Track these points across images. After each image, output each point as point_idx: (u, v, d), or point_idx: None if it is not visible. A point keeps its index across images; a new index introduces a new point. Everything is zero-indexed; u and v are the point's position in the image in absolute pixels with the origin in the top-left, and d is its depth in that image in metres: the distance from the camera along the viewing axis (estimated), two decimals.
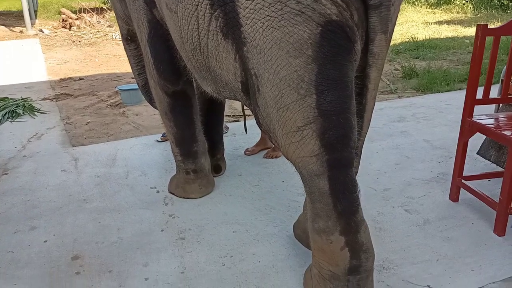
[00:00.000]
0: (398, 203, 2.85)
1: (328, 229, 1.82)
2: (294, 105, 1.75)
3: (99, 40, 9.83)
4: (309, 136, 1.76)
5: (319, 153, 1.77)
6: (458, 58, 6.86)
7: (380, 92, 5.39)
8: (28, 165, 3.54)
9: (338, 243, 1.82)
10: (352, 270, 1.84)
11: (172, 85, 2.72)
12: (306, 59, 1.68)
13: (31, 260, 2.36)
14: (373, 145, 3.73)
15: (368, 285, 1.90)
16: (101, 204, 2.92)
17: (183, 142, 2.91)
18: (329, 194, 1.79)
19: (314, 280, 1.97)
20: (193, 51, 2.14)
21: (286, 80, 1.73)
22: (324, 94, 1.72)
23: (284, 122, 1.80)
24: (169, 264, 2.30)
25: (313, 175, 1.81)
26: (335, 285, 1.88)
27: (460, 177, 2.79)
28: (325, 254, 1.88)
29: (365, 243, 1.85)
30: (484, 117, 2.66)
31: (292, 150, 1.83)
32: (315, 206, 1.86)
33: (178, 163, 2.99)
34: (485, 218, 2.63)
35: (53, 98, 5.52)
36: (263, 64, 1.77)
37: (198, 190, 2.96)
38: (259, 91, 1.85)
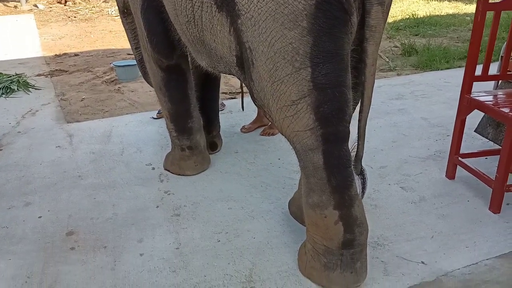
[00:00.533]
0: (394, 180, 2.84)
1: (322, 204, 1.82)
2: (288, 78, 1.72)
3: (95, 16, 9.67)
4: (303, 109, 1.74)
5: (314, 127, 1.75)
6: (458, 36, 6.78)
7: (379, 69, 5.34)
8: (22, 141, 3.51)
9: (332, 217, 1.82)
10: (346, 244, 1.84)
11: (166, 59, 2.67)
12: (301, 31, 1.65)
13: (26, 235, 2.35)
14: (370, 123, 3.67)
15: (361, 259, 1.90)
16: (96, 180, 2.91)
17: (177, 118, 2.87)
18: (323, 169, 1.78)
19: (308, 255, 1.98)
20: (187, 23, 2.09)
21: (280, 53, 1.69)
22: (319, 67, 1.68)
23: (279, 96, 1.77)
24: (164, 240, 2.30)
25: (307, 149, 1.80)
26: (329, 260, 1.89)
27: (457, 154, 2.77)
28: (319, 229, 1.88)
29: (359, 217, 1.84)
30: (482, 94, 2.63)
31: (287, 124, 1.81)
32: (309, 181, 1.85)
33: (173, 140, 2.97)
34: (481, 196, 2.62)
35: (47, 74, 5.46)
36: (258, 37, 1.73)
37: (193, 167, 2.94)
38: (254, 65, 1.81)
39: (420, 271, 2.05)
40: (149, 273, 2.07)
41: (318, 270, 1.93)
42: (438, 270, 2.05)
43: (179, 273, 2.06)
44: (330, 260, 1.89)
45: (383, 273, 2.04)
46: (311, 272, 1.97)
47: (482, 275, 2.02)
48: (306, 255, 2.00)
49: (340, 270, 1.88)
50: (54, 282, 2.02)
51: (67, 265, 2.13)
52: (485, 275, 2.02)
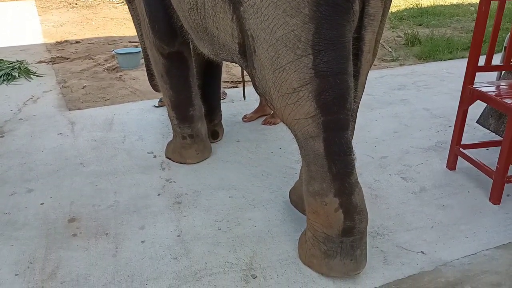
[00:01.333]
0: (395, 170, 2.84)
1: (323, 191, 1.83)
2: (290, 65, 1.72)
3: (96, 3, 9.61)
4: (305, 97, 1.74)
5: (315, 114, 1.75)
6: (462, 26, 6.73)
7: (382, 59, 5.32)
8: (24, 128, 3.52)
9: (332, 205, 1.82)
10: (346, 231, 1.85)
11: (168, 46, 2.65)
12: (303, 18, 1.64)
13: (28, 221, 2.37)
14: (372, 113, 3.70)
15: (361, 246, 1.91)
16: (98, 167, 2.92)
17: (179, 106, 2.87)
18: (324, 156, 1.79)
19: (309, 243, 1.99)
20: (190, 11, 2.09)
21: (282, 40, 1.69)
22: (321, 55, 1.68)
23: (280, 84, 1.77)
24: (165, 228, 2.31)
25: (308, 137, 1.80)
26: (328, 247, 1.90)
27: (458, 145, 2.78)
28: (319, 217, 1.89)
29: (359, 205, 1.85)
30: (485, 85, 2.62)
31: (288, 112, 1.81)
32: (310, 169, 1.86)
33: (174, 128, 2.97)
34: (481, 187, 2.63)
35: (49, 61, 5.44)
36: (260, 24, 1.72)
37: (194, 155, 2.95)
38: (255, 53, 1.81)
39: (419, 261, 2.06)
40: (151, 260, 2.09)
41: (318, 257, 1.94)
42: (437, 260, 2.07)
43: (180, 260, 2.08)
44: (330, 247, 1.90)
45: (382, 263, 2.06)
46: (311, 260, 1.98)
47: (481, 265, 2.04)
48: (307, 243, 2.01)
49: (340, 258, 1.89)
50: (56, 268, 2.03)
51: (69, 251, 2.14)
52: (484, 265, 2.04)
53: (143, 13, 2.64)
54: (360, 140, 3.23)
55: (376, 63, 5.16)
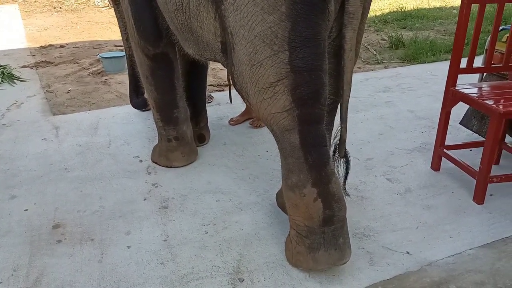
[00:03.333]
0: (380, 172, 2.87)
1: (301, 183, 1.87)
2: (267, 61, 1.78)
3: (81, 7, 9.53)
4: (281, 91, 1.81)
5: (290, 108, 1.81)
6: (445, 29, 6.84)
7: (367, 62, 5.37)
8: (7, 134, 3.47)
9: (311, 195, 1.86)
10: (326, 220, 1.88)
11: (153, 47, 2.65)
12: (280, 15, 1.72)
13: (12, 228, 2.33)
14: (357, 115, 3.73)
15: (343, 235, 1.94)
16: (83, 173, 2.89)
17: (163, 107, 2.86)
18: (300, 148, 1.85)
19: (293, 241, 2.01)
20: (175, 11, 2.13)
21: (260, 36, 1.77)
22: (296, 51, 1.76)
23: (257, 79, 1.84)
24: (151, 232, 2.30)
25: (284, 130, 1.86)
26: (312, 240, 1.92)
27: (442, 146, 2.81)
28: (299, 210, 1.92)
29: (336, 193, 1.89)
30: (467, 87, 2.66)
31: (264, 107, 1.87)
32: (287, 162, 1.91)
33: (160, 130, 2.95)
34: (465, 187, 2.67)
35: (33, 65, 5.38)
36: (239, 21, 1.80)
37: (180, 158, 2.93)
38: (234, 49, 1.88)
39: (405, 261, 2.08)
40: (137, 265, 2.07)
41: (304, 253, 1.95)
42: (422, 260, 2.09)
43: (166, 265, 2.07)
44: (314, 240, 1.91)
45: (368, 263, 2.07)
46: (298, 258, 1.99)
47: (465, 264, 2.06)
48: (291, 243, 2.03)
49: (324, 249, 1.91)
50: (41, 275, 2.01)
51: (54, 258, 2.12)
52: (468, 264, 2.06)
53: (129, 14, 2.63)
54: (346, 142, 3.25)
55: (361, 66, 5.22)
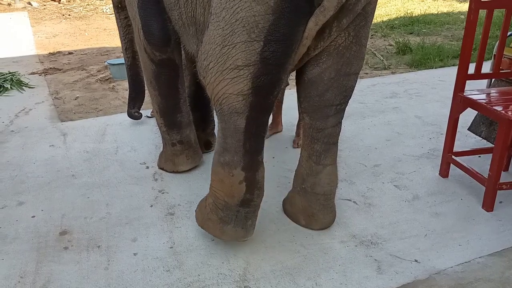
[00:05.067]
0: (388, 179, 2.85)
1: (233, 163, 2.02)
2: (241, 45, 1.87)
3: (89, 14, 9.62)
4: (243, 76, 1.90)
5: (247, 94, 1.92)
6: (452, 34, 6.80)
7: (374, 68, 5.35)
8: (16, 140, 3.49)
9: (238, 177, 2.03)
10: (244, 202, 2.08)
11: (160, 52, 2.66)
12: (267, 8, 1.81)
13: (19, 235, 2.34)
14: (364, 121, 3.72)
15: (253, 218, 2.16)
16: (90, 179, 2.90)
17: (167, 112, 2.87)
18: (243, 132, 1.98)
19: (208, 208, 2.18)
20: (185, 3, 2.20)
21: (242, 21, 1.85)
22: (270, 44, 1.86)
23: (225, 60, 1.92)
24: (158, 239, 2.30)
25: (233, 112, 1.97)
26: (225, 214, 2.10)
27: (450, 153, 2.79)
28: (223, 185, 2.08)
29: (260, 181, 2.09)
30: (475, 93, 2.64)
31: (222, 86, 1.96)
32: (226, 141, 2.03)
33: (164, 135, 2.96)
34: (474, 194, 2.64)
35: (41, 72, 5.42)
36: (225, 3, 1.87)
37: (186, 162, 2.94)
38: (208, 28, 1.97)
39: (413, 270, 2.06)
40: (143, 272, 2.07)
41: (214, 222, 2.14)
42: (431, 268, 2.07)
43: (173, 273, 2.06)
44: (227, 215, 2.10)
45: (376, 272, 2.05)
46: (207, 224, 2.17)
47: (474, 273, 2.04)
48: (206, 208, 2.19)
49: (233, 225, 2.11)
50: (48, 282, 2.01)
51: (61, 264, 2.12)
52: (477, 273, 2.04)
53: (137, 19, 2.64)
54: (353, 148, 3.24)
55: (368, 71, 5.20)
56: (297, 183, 2.37)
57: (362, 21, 1.99)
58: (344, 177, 2.85)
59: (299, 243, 2.25)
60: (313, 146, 2.24)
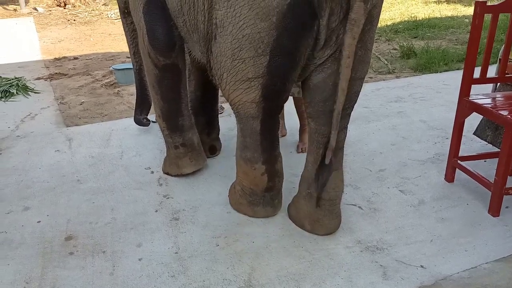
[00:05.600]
0: (393, 183, 2.84)
1: (254, 159, 2.32)
2: (249, 60, 2.03)
3: (94, 19, 9.67)
4: (255, 87, 2.10)
5: (259, 101, 2.14)
6: (457, 38, 6.78)
7: (378, 72, 5.34)
8: (21, 145, 3.51)
9: (260, 170, 2.33)
10: (268, 189, 2.41)
11: (164, 57, 2.67)
12: (270, 24, 1.92)
13: (25, 240, 2.35)
14: (369, 126, 3.71)
15: (278, 197, 2.50)
16: (95, 184, 2.91)
17: (169, 116, 2.89)
18: (259, 133, 2.24)
19: (237, 193, 2.52)
20: (188, 11, 2.28)
21: (248, 38, 1.98)
22: (276, 58, 2.00)
23: (236, 72, 2.10)
24: (163, 245, 2.30)
25: (249, 117, 2.22)
26: (253, 198, 2.45)
27: (456, 157, 2.77)
28: (248, 177, 2.39)
29: (279, 170, 2.40)
30: (481, 97, 2.63)
31: (236, 94, 2.17)
32: (246, 140, 2.30)
33: (166, 138, 2.97)
34: (480, 199, 2.62)
35: (47, 77, 5.45)
36: (230, 18, 1.99)
37: (189, 164, 2.94)
38: (216, 40, 2.11)
39: (419, 275, 2.05)
40: (148, 278, 2.07)
41: (245, 205, 2.48)
42: (437, 274, 2.05)
43: (178, 278, 2.06)
44: (254, 199, 2.44)
45: (382, 278, 2.04)
46: (240, 207, 2.52)
47: (481, 278, 2.02)
48: (235, 193, 2.53)
49: (262, 206, 2.45)
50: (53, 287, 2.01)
51: (66, 270, 2.13)
52: (484, 278, 2.02)
53: (141, 24, 2.65)
54: (358, 153, 3.23)
55: (372, 76, 5.19)
56: (302, 187, 2.37)
57: (367, 25, 1.99)
58: (349, 182, 2.84)
59: (304, 248, 2.24)
60: (318, 151, 2.25)
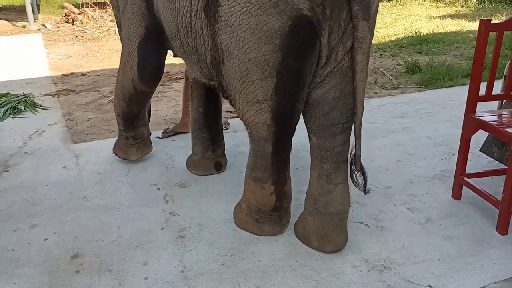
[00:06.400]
0: (400, 201, 2.83)
1: (264, 179, 2.31)
2: (257, 82, 2.07)
3: (102, 35, 9.80)
4: (265, 109, 2.12)
5: (270, 123, 2.15)
6: (461, 53, 6.80)
7: (383, 87, 5.36)
8: (29, 162, 3.54)
9: (269, 190, 2.32)
10: (275, 209, 2.39)
11: (147, 87, 3.01)
12: (274, 47, 1.97)
13: (31, 258, 2.35)
14: (375, 142, 3.71)
15: (286, 216, 2.46)
16: (102, 201, 2.92)
17: (127, 119, 3.27)
18: (270, 155, 2.24)
19: (243, 212, 2.49)
20: (185, 34, 2.35)
21: (254, 61, 2.02)
22: (283, 79, 2.04)
23: (247, 94, 2.13)
24: (169, 263, 2.29)
25: (261, 138, 2.22)
26: (260, 216, 2.42)
27: (463, 174, 2.76)
28: (256, 196, 2.38)
29: (287, 192, 2.39)
30: (486, 114, 2.63)
31: (249, 115, 2.20)
32: (256, 160, 2.30)
33: (119, 129, 3.36)
34: (487, 217, 2.60)
35: (55, 94, 5.51)
36: (234, 43, 2.04)
37: (135, 153, 3.37)
38: (224, 64, 2.15)
39: None
40: None
41: (251, 223, 2.45)
42: None
43: None
44: (261, 217, 2.42)
45: None
46: (245, 225, 2.49)
47: None
48: (241, 212, 2.50)
49: (269, 224, 2.42)
50: None
51: None
52: None
53: (133, 56, 2.86)
54: None
55: (377, 91, 5.21)
56: (309, 203, 2.37)
57: None
58: (355, 199, 2.83)
59: (310, 267, 2.23)
60: (322, 166, 2.26)
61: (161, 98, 5.22)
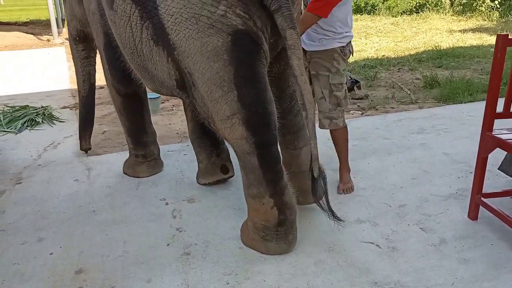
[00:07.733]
0: (414, 220, 2.73)
1: (260, 194, 2.28)
2: (221, 99, 2.14)
3: None
4: (237, 123, 2.16)
5: (247, 136, 2.17)
6: (482, 67, 6.65)
7: (400, 102, 5.26)
8: (42, 174, 3.57)
9: (268, 204, 2.28)
10: (280, 223, 2.32)
11: (124, 88, 3.17)
12: (224, 62, 2.08)
13: (36, 273, 2.34)
14: (390, 158, 3.62)
15: (293, 232, 2.40)
16: (110, 215, 2.91)
17: (134, 133, 3.39)
18: (259, 167, 2.22)
19: (250, 230, 2.45)
20: (131, 54, 2.45)
21: (211, 80, 2.12)
22: (242, 89, 2.11)
23: (217, 112, 2.20)
24: (172, 281, 2.25)
25: (245, 153, 2.22)
26: (266, 234, 2.37)
27: (479, 194, 2.65)
28: (258, 213, 2.35)
29: (289, 202, 2.32)
30: (504, 132, 2.53)
31: (227, 133, 2.23)
32: (249, 177, 2.29)
33: (129, 147, 3.47)
34: (505, 239, 2.49)
35: (72, 106, 5.59)
36: (193, 66, 2.15)
37: (145, 170, 3.42)
38: (194, 86, 2.24)
39: None
40: None
41: (258, 241, 2.40)
42: None
43: None
44: (267, 234, 2.36)
45: None
46: (252, 243, 2.44)
47: None
48: (248, 230, 2.47)
49: (276, 242, 2.36)
50: None
51: None
52: None
53: (104, 61, 3.10)
54: (377, 187, 3.14)
55: (394, 106, 5.11)
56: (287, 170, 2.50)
57: None
58: (367, 218, 2.75)
59: None
60: (284, 138, 2.61)
61: (175, 112, 5.24)
